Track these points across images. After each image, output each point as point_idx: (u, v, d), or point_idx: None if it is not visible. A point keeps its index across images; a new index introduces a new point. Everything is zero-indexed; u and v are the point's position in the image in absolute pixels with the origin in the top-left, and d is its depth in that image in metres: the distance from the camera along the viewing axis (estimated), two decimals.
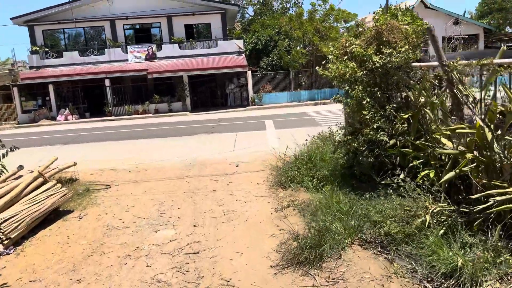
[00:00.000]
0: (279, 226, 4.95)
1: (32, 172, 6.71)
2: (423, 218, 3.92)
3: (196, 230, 5.16)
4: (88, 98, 27.23)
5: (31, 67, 26.42)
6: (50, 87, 25.15)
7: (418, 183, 4.45)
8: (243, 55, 27.25)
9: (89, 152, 12.40)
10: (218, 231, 5.08)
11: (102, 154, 11.90)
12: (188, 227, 5.31)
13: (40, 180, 6.83)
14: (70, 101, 26.44)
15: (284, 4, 41.00)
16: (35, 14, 25.94)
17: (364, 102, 5.19)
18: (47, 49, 26.63)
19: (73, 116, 25.10)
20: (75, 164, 8.35)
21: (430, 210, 3.92)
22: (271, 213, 5.52)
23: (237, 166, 8.91)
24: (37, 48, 26.16)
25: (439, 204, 4.05)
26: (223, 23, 28.07)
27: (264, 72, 27.33)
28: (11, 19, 25.46)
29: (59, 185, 6.82)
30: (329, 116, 17.34)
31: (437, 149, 4.49)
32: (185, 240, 4.88)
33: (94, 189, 7.68)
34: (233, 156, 10.09)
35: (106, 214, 6.16)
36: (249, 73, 25.52)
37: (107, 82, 25.43)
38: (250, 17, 42.47)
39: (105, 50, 26.97)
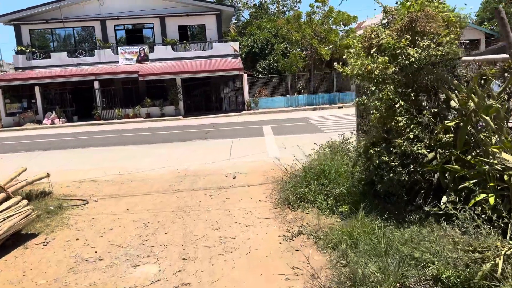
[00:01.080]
0: (292, 263, 3.90)
1: None
2: (492, 262, 2.90)
3: (186, 266, 4.09)
4: (76, 101, 26.02)
5: (16, 68, 25.19)
6: (36, 89, 23.92)
7: (472, 211, 3.44)
8: (239, 58, 26.27)
9: (70, 160, 11.27)
10: (213, 268, 4.02)
11: (84, 162, 10.78)
12: (176, 260, 4.23)
13: (2, 195, 5.73)
14: (57, 104, 25.21)
15: (280, 7, 40.26)
16: (21, 13, 24.75)
17: (397, 105, 4.18)
18: (33, 50, 25.44)
19: (60, 119, 23.88)
20: (48, 175, 7.26)
21: (503, 252, 2.90)
22: (280, 243, 4.46)
23: (234, 178, 7.86)
24: (23, 48, 24.96)
25: None
26: (218, 24, 27.09)
27: (260, 76, 26.36)
28: None
29: (24, 201, 5.72)
30: (331, 122, 16.37)
31: (497, 166, 3.48)
32: (171, 280, 3.81)
33: (69, 205, 6.58)
34: (229, 165, 9.04)
35: (77, 239, 5.07)
36: (245, 76, 24.53)
37: (96, 85, 24.27)
38: (245, 20, 41.62)
39: (95, 51, 25.83)
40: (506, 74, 4.23)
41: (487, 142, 3.72)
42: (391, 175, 4.49)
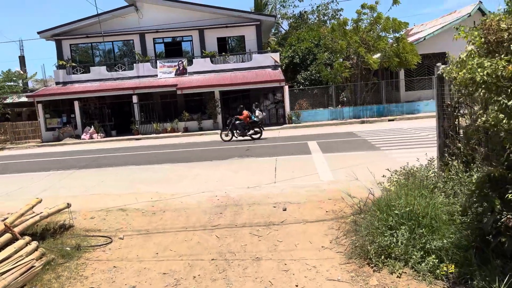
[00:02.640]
0: None
1: None
2: None
3: None
4: (115, 116, 25.77)
5: (57, 83, 25.32)
6: (76, 103, 23.84)
7: None
8: (279, 69, 25.11)
9: (101, 181, 10.37)
10: None
11: (115, 184, 9.83)
12: None
13: (7, 236, 4.71)
14: (96, 118, 25.03)
15: (321, 17, 38.96)
16: (62, 28, 24.94)
17: None
18: (74, 64, 25.51)
19: (99, 134, 23.60)
20: (68, 206, 6.24)
21: None
22: None
23: (285, 210, 6.51)
24: (64, 63, 25.06)
25: None
26: (258, 35, 26.13)
27: (301, 87, 25.01)
28: (38, 33, 24.56)
29: (33, 244, 4.68)
30: (385, 137, 14.70)
31: None
32: None
33: (89, 245, 5.48)
34: (276, 192, 7.71)
35: None
36: (286, 88, 23.27)
37: (134, 99, 23.87)
38: (284, 31, 40.62)
39: (134, 65, 25.54)
40: None
41: None
42: None
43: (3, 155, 19.42)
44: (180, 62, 25.42)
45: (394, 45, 22.49)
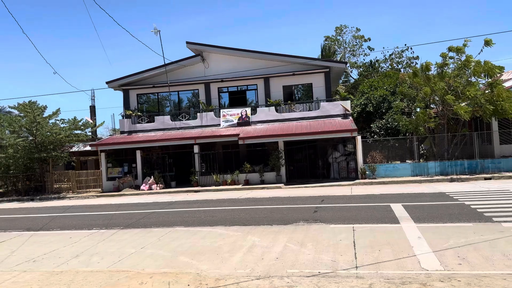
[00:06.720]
0: None
1: None
2: None
3: None
4: (176, 166, 24.96)
5: (122, 132, 25.35)
6: (138, 153, 23.40)
7: None
8: (350, 118, 22.90)
9: (140, 247, 8.67)
10: None
11: (154, 253, 8.03)
12: None
13: None
14: (157, 168, 24.32)
15: (395, 65, 36.72)
16: (130, 78, 25.34)
17: None
18: (139, 113, 25.53)
19: (158, 185, 22.68)
20: None
21: None
22: None
23: None
24: (130, 112, 25.15)
25: None
26: (327, 83, 24.45)
27: (375, 138, 22.42)
28: (107, 83, 25.14)
29: None
30: (491, 202, 11.56)
31: None
32: None
33: None
34: (362, 286, 5.34)
35: None
36: (359, 138, 20.85)
37: (196, 149, 22.89)
38: (354, 80, 38.77)
39: (197, 114, 24.93)
40: None
41: None
42: None
43: (57, 205, 18.97)
44: (243, 111, 24.34)
45: (487, 91, 19.43)
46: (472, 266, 5.96)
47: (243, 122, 24.12)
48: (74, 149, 27.23)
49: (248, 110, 24.28)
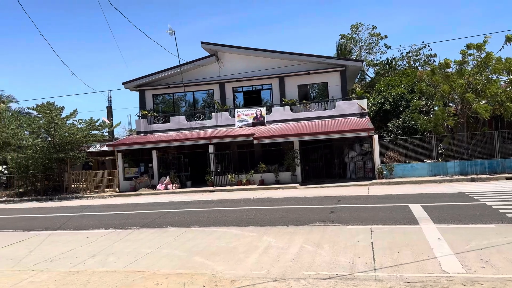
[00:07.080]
0: None
1: None
2: None
3: None
4: (192, 166, 25.02)
5: (138, 132, 25.57)
6: (154, 153, 23.56)
7: None
8: (367, 117, 22.58)
9: (156, 247, 8.67)
10: None
11: (169, 253, 8.02)
12: None
13: None
14: (173, 168, 24.42)
15: (412, 63, 36.10)
16: (145, 79, 25.52)
17: None
18: (155, 114, 25.71)
19: (174, 185, 22.78)
20: None
21: None
22: None
23: None
24: (146, 113, 25.34)
25: None
26: (343, 81, 24.16)
27: (392, 137, 22.05)
28: (123, 83, 25.37)
29: None
30: None
31: None
32: None
33: None
34: None
35: None
36: (376, 138, 20.53)
37: (211, 148, 22.91)
38: (370, 79, 38.28)
39: (212, 114, 24.96)
40: None
41: None
42: None
43: (75, 205, 19.22)
44: (258, 111, 24.25)
45: (508, 89, 18.89)
46: (496, 270, 5.74)
47: (258, 122, 24.03)
48: (92, 149, 27.59)
49: (263, 109, 24.19)
